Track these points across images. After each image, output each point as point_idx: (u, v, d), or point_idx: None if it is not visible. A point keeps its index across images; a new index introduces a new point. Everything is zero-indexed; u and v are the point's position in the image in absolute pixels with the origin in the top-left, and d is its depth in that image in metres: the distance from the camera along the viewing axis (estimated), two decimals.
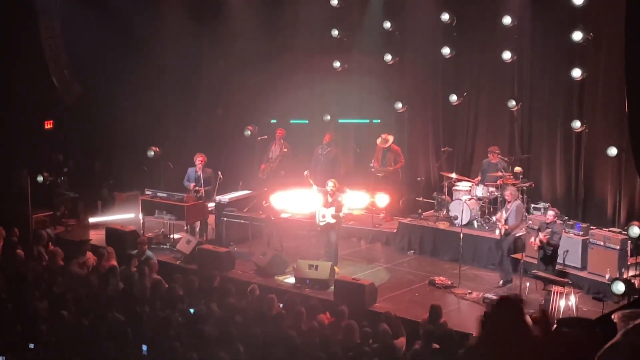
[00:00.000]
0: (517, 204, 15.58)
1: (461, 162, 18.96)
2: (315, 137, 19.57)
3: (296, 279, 15.31)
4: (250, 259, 16.39)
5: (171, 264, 16.36)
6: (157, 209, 17.74)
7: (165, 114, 20.99)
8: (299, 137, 19.92)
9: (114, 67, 20.19)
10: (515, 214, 15.46)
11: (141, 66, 20.26)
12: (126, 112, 19.94)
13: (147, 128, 20.26)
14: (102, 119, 20.54)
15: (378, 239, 18.21)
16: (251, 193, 18.55)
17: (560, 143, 17.48)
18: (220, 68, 20.69)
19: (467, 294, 14.90)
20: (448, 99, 18.59)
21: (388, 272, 16.30)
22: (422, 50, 19.37)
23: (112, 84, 20.17)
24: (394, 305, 14.07)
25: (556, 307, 13.28)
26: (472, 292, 14.92)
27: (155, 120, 20.51)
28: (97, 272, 14.24)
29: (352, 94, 20.34)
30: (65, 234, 18.50)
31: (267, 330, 11.20)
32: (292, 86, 20.13)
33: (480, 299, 14.48)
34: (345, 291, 14.24)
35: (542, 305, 13.14)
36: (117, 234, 17.25)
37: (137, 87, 20.11)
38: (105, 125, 20.54)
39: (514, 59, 17.58)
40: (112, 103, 20.31)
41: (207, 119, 21.32)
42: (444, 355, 10.38)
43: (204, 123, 21.25)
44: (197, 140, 20.26)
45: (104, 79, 20.28)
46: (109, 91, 20.28)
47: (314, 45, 20.21)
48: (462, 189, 17.55)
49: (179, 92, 21.36)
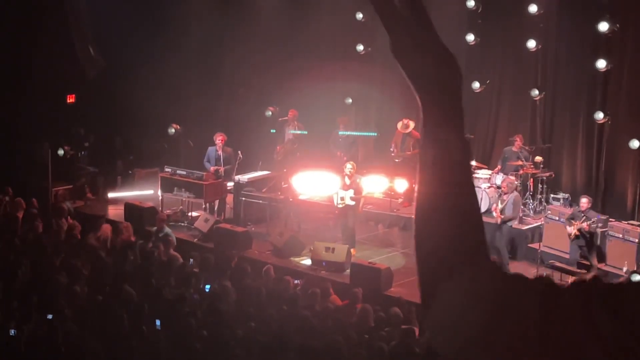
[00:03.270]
0: (515, 195, 15.52)
1: (481, 150, 18.90)
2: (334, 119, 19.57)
3: (312, 260, 15.33)
4: (267, 239, 16.42)
5: (188, 241, 16.42)
6: (176, 187, 17.78)
7: (187, 92, 21.01)
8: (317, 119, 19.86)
9: (138, 43, 20.19)
10: (512, 206, 15.39)
11: (165, 43, 20.28)
12: (148, 88, 19.95)
13: (168, 105, 20.29)
14: (124, 94, 20.54)
15: (396, 224, 18.18)
16: (270, 173, 18.57)
17: (582, 134, 17.39)
18: (244, 48, 20.67)
19: None
20: (470, 86, 18.50)
21: (404, 258, 16.27)
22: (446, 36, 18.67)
23: (135, 59, 20.19)
24: (409, 290, 14.04)
25: None
26: None
27: (176, 98, 20.53)
28: (113, 247, 14.30)
29: (374, 77, 20.28)
30: (84, 208, 18.59)
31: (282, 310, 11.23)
32: (314, 68, 20.09)
33: None
34: (361, 275, 14.24)
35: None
36: (135, 210, 17.30)
37: (160, 64, 20.13)
38: (127, 101, 20.53)
39: (539, 47, 17.49)
40: (134, 79, 20.31)
41: (228, 98, 21.34)
42: None
43: (226, 102, 21.27)
44: (218, 119, 20.30)
45: (127, 54, 20.30)
46: (131, 67, 20.30)
47: (338, 28, 20.16)
48: (481, 176, 17.50)
49: (202, 70, 21.37)
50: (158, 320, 10.45)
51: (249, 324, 10.35)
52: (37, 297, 11.24)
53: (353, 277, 14.31)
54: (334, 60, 20.38)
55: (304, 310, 11.26)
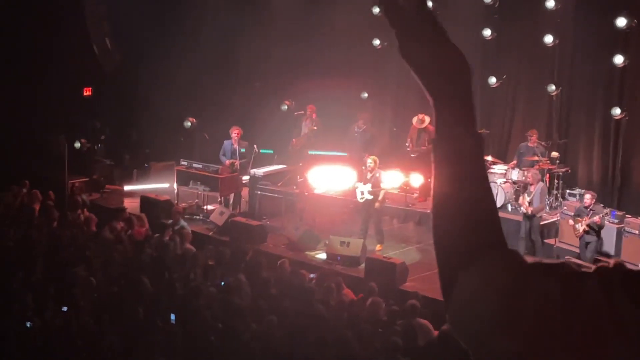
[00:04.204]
0: (541, 185, 15.51)
1: (497, 145, 18.85)
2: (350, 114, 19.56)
3: (327, 255, 15.34)
4: (282, 233, 16.43)
5: (204, 234, 16.45)
6: (192, 180, 17.82)
7: (203, 85, 21.03)
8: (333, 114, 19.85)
9: (154, 37, 20.24)
10: (539, 196, 15.38)
11: (181, 37, 20.32)
12: (164, 82, 20.00)
13: (184, 99, 20.33)
14: (140, 87, 20.63)
15: (411, 219, 18.16)
16: (286, 167, 18.58)
17: (599, 130, 17.32)
18: (260, 42, 20.67)
19: None
20: (487, 81, 18.46)
21: (419, 252, 16.25)
22: (462, 31, 19.17)
23: (151, 53, 20.24)
24: (424, 285, 14.02)
25: None
26: None
27: (193, 91, 20.57)
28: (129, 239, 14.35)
29: (390, 72, 20.26)
30: (100, 201, 18.66)
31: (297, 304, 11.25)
32: (330, 62, 20.10)
33: None
34: (376, 269, 14.23)
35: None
36: (151, 203, 17.34)
37: (176, 58, 20.16)
38: (143, 94, 20.62)
39: (556, 43, 17.42)
40: (150, 72, 20.37)
41: (244, 92, 21.35)
42: None
43: (242, 96, 21.28)
44: (233, 112, 20.31)
45: (144, 48, 20.34)
46: (148, 60, 20.35)
47: (354, 22, 20.12)
48: (497, 171, 17.45)
49: (218, 64, 21.38)
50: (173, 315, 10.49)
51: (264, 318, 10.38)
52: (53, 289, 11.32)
53: (368, 272, 14.30)
54: (350, 55, 20.36)
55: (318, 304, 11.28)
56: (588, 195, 14.82)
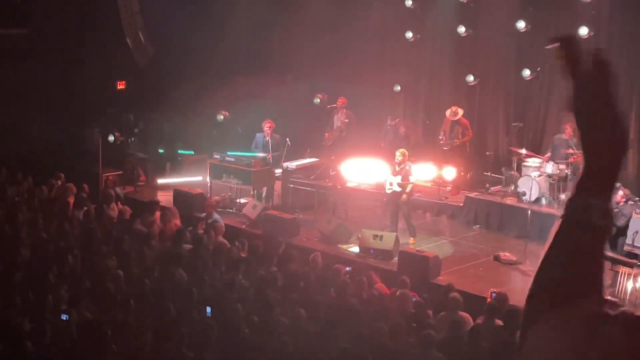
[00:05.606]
0: None
1: (531, 138, 18.72)
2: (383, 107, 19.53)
3: (360, 248, 15.32)
4: (314, 226, 16.43)
5: (237, 227, 16.48)
6: (225, 173, 17.85)
7: (236, 79, 21.07)
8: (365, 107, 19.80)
9: (187, 31, 20.32)
10: None
11: (213, 30, 20.37)
12: (197, 75, 20.06)
13: (217, 92, 20.37)
14: (173, 81, 20.71)
15: (444, 212, 18.11)
16: (318, 161, 18.57)
17: (635, 121, 17.14)
18: (292, 35, 20.69)
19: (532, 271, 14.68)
20: (521, 73, 18.34)
21: (452, 246, 16.20)
22: (496, 23, 19.11)
23: (184, 46, 20.31)
24: (457, 279, 13.98)
25: (623, 288, 13.10)
26: None
27: (225, 85, 20.60)
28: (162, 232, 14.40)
29: (423, 65, 20.21)
30: (134, 194, 18.76)
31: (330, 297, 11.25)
32: (363, 55, 20.08)
33: None
34: (409, 263, 14.19)
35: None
36: (184, 196, 17.41)
37: (208, 51, 20.24)
38: (176, 88, 20.70)
39: (591, 35, 17.25)
40: (183, 66, 20.46)
41: (277, 85, 21.35)
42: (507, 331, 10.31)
43: (274, 89, 21.29)
44: (266, 106, 20.33)
45: (177, 41, 20.42)
46: (181, 54, 20.43)
47: (387, 14, 20.09)
48: (531, 165, 17.34)
49: (250, 57, 21.43)
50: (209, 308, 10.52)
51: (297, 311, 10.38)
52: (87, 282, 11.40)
53: (401, 265, 14.27)
54: (383, 48, 20.34)
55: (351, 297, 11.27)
56: (620, 193, 14.65)
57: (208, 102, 20.41)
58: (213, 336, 9.47)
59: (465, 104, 18.98)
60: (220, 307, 10.53)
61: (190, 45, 20.25)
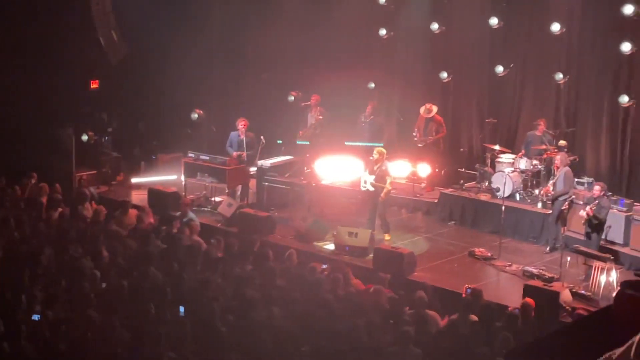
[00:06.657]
0: (566, 170, 15.38)
1: (505, 134, 18.80)
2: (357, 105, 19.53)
3: (336, 245, 15.33)
4: (290, 224, 16.43)
5: (212, 226, 16.46)
6: (199, 172, 17.83)
7: (210, 77, 21.03)
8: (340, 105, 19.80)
9: (161, 29, 20.22)
10: (563, 180, 15.29)
11: (188, 28, 20.30)
12: (171, 74, 19.97)
13: (191, 91, 20.31)
14: (147, 80, 20.61)
15: (419, 209, 18.18)
16: (293, 159, 18.58)
17: (607, 118, 17.25)
18: (267, 33, 20.64)
19: (506, 266, 14.83)
20: (494, 70, 18.42)
21: (428, 242, 16.26)
22: (469, 20, 19.17)
23: (158, 45, 20.20)
24: (433, 275, 14.06)
25: (597, 282, 13.19)
26: (512, 265, 14.84)
27: (199, 83, 20.54)
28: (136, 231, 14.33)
29: (397, 62, 20.24)
30: (108, 193, 18.68)
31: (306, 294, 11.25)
32: (336, 53, 20.08)
33: (520, 271, 14.41)
34: (384, 259, 14.24)
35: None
36: (159, 195, 17.34)
37: (183, 50, 20.16)
38: (150, 87, 20.62)
39: (563, 31, 17.36)
40: (157, 64, 20.36)
41: (251, 83, 21.33)
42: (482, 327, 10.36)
43: (249, 87, 21.27)
44: (240, 104, 20.31)
45: (151, 40, 20.30)
46: (154, 52, 20.33)
47: (361, 12, 20.09)
48: (505, 161, 17.43)
49: (225, 55, 21.38)
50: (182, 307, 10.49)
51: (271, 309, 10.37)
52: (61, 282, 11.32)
53: (376, 262, 14.31)
54: (357, 45, 20.33)
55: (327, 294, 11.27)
56: (597, 187, 14.73)
57: (182, 101, 20.34)
58: (187, 335, 9.45)
59: (439, 100, 19.03)
60: (196, 306, 10.50)
61: (164, 43, 20.14)
